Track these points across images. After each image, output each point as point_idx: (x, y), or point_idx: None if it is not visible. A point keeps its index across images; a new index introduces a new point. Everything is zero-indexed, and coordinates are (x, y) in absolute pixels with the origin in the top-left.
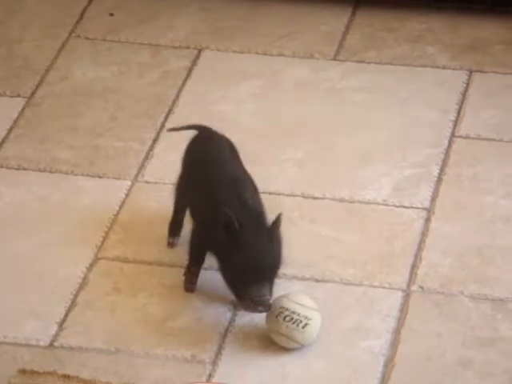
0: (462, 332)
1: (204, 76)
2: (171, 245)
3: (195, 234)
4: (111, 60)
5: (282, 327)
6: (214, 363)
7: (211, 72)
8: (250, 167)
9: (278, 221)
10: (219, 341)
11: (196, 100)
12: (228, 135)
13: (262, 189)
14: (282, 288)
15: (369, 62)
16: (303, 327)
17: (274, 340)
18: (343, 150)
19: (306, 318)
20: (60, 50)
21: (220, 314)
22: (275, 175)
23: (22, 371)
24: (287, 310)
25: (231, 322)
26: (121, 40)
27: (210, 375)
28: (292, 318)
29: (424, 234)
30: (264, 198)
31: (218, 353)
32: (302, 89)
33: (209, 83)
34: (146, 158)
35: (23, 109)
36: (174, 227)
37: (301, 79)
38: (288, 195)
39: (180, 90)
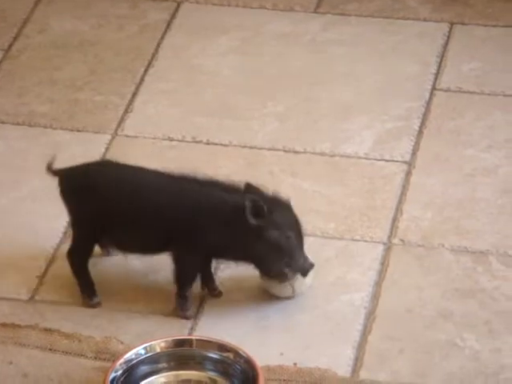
0: (443, 284)
1: (183, 29)
2: (93, 306)
3: (184, 259)
4: (89, 13)
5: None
6: (196, 317)
7: (191, 25)
8: (230, 121)
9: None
10: (201, 294)
11: (175, 53)
12: (208, 89)
13: (242, 143)
14: None
15: (349, 15)
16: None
17: (267, 288)
18: (324, 104)
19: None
20: (37, 3)
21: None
22: (256, 129)
23: (3, 325)
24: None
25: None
26: None
27: (191, 328)
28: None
29: (405, 187)
30: (245, 152)
31: (200, 306)
32: (283, 42)
33: (188, 36)
34: (126, 111)
35: (0, 62)
36: (89, 285)
37: (281, 32)
38: (269, 149)
39: (159, 44)
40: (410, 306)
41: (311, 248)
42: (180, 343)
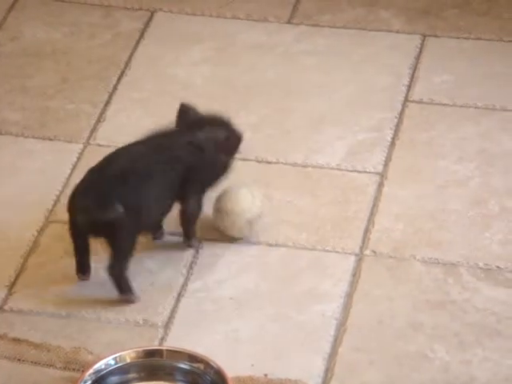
0: (414, 295)
1: (157, 38)
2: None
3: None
4: (62, 21)
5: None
6: (167, 327)
7: (164, 34)
8: None
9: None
10: (172, 305)
11: (149, 63)
12: (181, 99)
13: None
14: (237, 253)
15: (323, 26)
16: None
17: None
18: (297, 115)
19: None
20: (9, 10)
21: (172, 278)
22: None
23: None
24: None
25: (184, 286)
26: (72, 0)
27: (162, 339)
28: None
29: (377, 198)
30: None
31: (171, 316)
32: (256, 52)
33: (162, 46)
34: (98, 120)
35: None
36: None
37: (255, 42)
38: (242, 160)
39: (132, 53)
40: (380, 318)
41: (283, 259)
42: (150, 353)
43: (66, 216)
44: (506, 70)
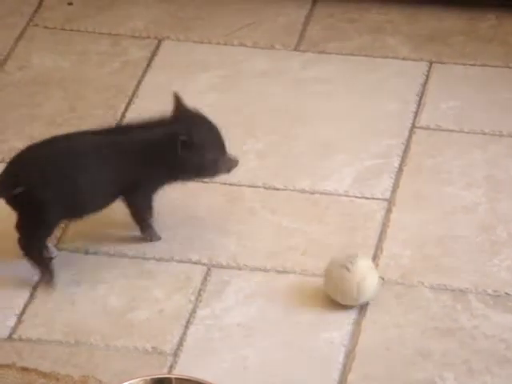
0: (422, 323)
1: (164, 66)
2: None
3: (141, 196)
4: (70, 49)
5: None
6: (175, 354)
7: (171, 62)
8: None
9: (179, 98)
10: (180, 332)
11: (156, 90)
12: None
13: (223, 180)
14: (245, 279)
15: (330, 53)
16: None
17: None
18: (304, 141)
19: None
20: (18, 39)
21: (181, 305)
22: (237, 167)
23: None
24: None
25: (192, 313)
26: (80, 29)
27: (171, 367)
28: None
29: (385, 224)
30: (225, 189)
31: (180, 344)
32: (263, 80)
33: (169, 74)
34: None
35: None
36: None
37: (262, 70)
38: (249, 186)
39: (140, 81)
40: (389, 345)
41: (291, 285)
42: (159, 382)
43: (74, 244)
44: None
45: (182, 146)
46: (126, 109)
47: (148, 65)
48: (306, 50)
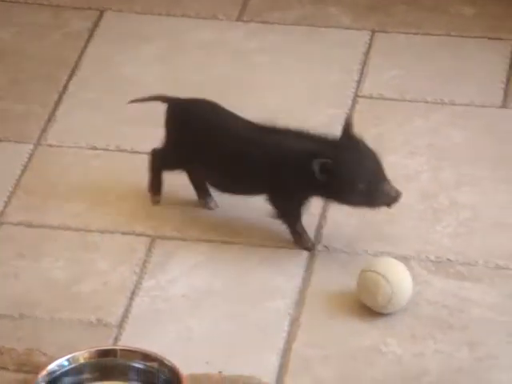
0: None
1: (107, 38)
2: (157, 202)
3: (280, 201)
4: (10, 21)
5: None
6: (120, 326)
7: (114, 33)
8: (155, 130)
9: (349, 124)
10: (125, 304)
11: (99, 62)
12: (132, 98)
13: None
14: (190, 250)
15: (273, 23)
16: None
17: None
18: (250, 112)
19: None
20: None
21: (126, 277)
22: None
23: None
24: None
25: (137, 285)
26: (19, 0)
27: (116, 338)
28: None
29: None
30: None
31: (125, 316)
32: (207, 50)
33: (112, 45)
34: (49, 121)
35: None
36: (157, 185)
37: (205, 40)
38: None
39: (82, 52)
40: (333, 313)
41: (235, 256)
42: (104, 353)
43: (17, 217)
44: (454, 64)
45: (321, 169)
46: (69, 81)
47: (90, 36)
48: (248, 20)
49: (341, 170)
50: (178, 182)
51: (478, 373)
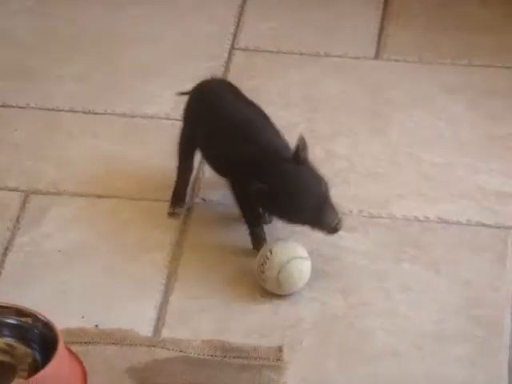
0: (243, 241)
1: None
2: (173, 215)
3: (237, 194)
4: None
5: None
6: None
7: None
8: (27, 83)
9: (301, 145)
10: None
11: None
12: (2, 50)
13: (40, 105)
14: (65, 205)
15: None
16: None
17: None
18: (123, 65)
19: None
20: None
21: None
22: (54, 91)
23: None
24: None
25: (11, 240)
26: None
27: None
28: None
29: None
30: (42, 114)
31: None
32: (78, 1)
33: None
34: None
35: None
36: (178, 196)
37: None
38: (68, 111)
39: None
40: (211, 265)
41: (112, 209)
42: None
43: None
44: (329, 16)
45: (258, 193)
46: None
47: None
48: None
49: (277, 196)
50: (50, 134)
51: (351, 318)
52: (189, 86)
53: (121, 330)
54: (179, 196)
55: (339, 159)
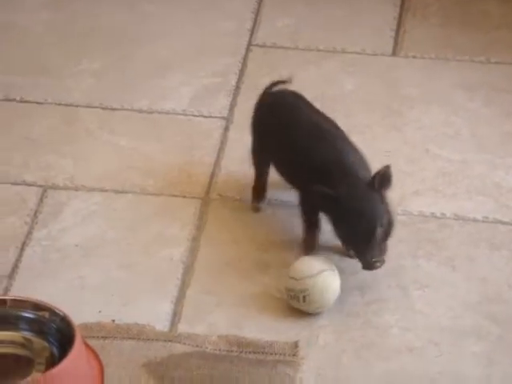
0: (259, 238)
1: None
2: (257, 209)
3: (301, 200)
4: None
5: (292, 303)
6: (10, 277)
7: None
8: (45, 79)
9: (384, 173)
10: (16, 254)
11: None
12: (21, 46)
13: (58, 100)
14: (82, 200)
15: None
16: (304, 301)
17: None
18: (141, 61)
19: (301, 291)
20: None
21: (16, 227)
22: (72, 86)
23: None
24: (286, 288)
25: (28, 235)
26: None
27: (6, 289)
28: (291, 296)
29: (223, 142)
30: (60, 109)
31: (15, 266)
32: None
33: None
34: None
35: None
36: (259, 191)
37: None
38: (86, 107)
39: None
40: (227, 260)
41: (130, 205)
42: None
43: None
44: (346, 13)
45: (320, 196)
46: None
47: None
48: None
49: (339, 205)
50: (68, 130)
51: (368, 315)
52: (206, 81)
53: (137, 325)
54: (260, 192)
55: None
